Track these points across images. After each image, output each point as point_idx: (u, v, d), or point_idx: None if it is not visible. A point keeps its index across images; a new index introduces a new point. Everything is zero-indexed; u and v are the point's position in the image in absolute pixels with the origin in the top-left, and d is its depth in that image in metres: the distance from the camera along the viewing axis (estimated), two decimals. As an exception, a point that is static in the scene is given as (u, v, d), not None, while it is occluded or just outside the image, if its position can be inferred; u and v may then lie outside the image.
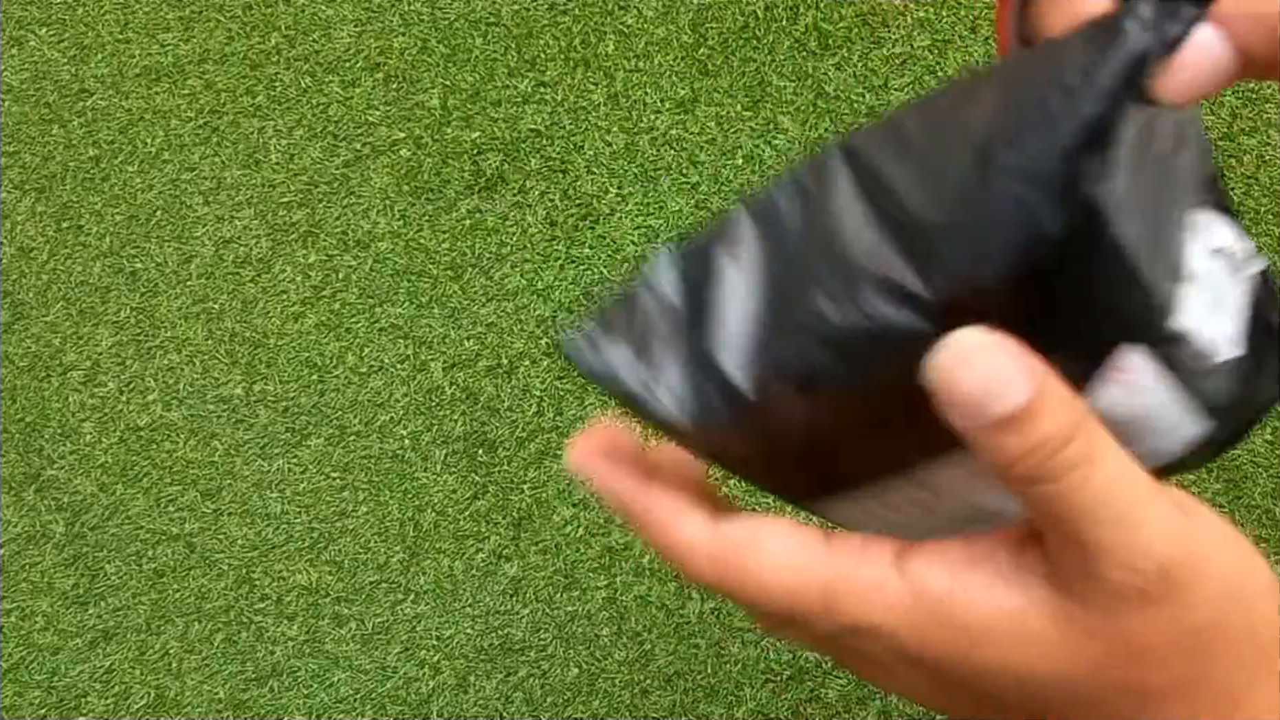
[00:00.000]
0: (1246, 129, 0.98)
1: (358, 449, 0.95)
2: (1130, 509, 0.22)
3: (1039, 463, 0.22)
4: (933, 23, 0.99)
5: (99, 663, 0.93)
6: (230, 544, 0.94)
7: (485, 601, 0.92)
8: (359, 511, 0.94)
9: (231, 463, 0.95)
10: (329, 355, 0.96)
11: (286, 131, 1.00)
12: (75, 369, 0.98)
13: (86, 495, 0.96)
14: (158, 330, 0.98)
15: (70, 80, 1.03)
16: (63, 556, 0.95)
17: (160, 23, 1.03)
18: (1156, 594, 0.22)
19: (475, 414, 0.94)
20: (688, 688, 0.89)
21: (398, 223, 0.98)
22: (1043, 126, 0.19)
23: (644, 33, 1.00)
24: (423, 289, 0.97)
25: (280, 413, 0.96)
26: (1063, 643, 0.23)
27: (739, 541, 0.25)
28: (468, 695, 0.91)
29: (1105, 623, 0.22)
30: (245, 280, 0.98)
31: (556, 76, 0.99)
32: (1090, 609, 0.23)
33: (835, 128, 0.98)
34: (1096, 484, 0.22)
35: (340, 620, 0.92)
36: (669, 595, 0.90)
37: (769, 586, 0.25)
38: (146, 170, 1.00)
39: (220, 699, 0.92)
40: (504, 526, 0.93)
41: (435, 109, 1.00)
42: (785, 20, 0.99)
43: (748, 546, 0.25)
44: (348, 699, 0.91)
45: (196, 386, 0.97)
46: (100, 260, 0.99)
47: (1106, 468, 0.22)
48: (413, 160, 0.99)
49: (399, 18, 1.01)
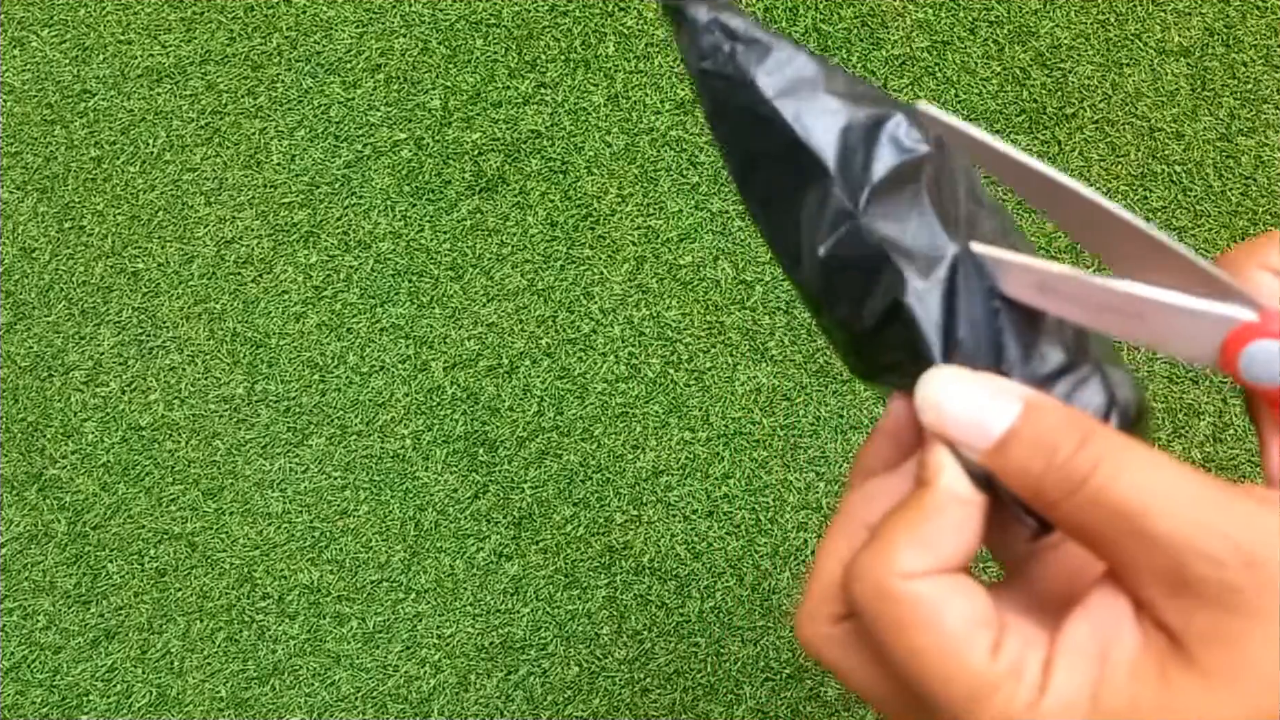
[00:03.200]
0: (1244, 130, 0.98)
1: (359, 448, 0.95)
2: (1182, 492, 0.21)
3: (1062, 467, 0.22)
4: (932, 24, 1.00)
5: (101, 661, 0.93)
6: (232, 543, 0.94)
7: (486, 600, 0.92)
8: (360, 511, 0.94)
9: (233, 462, 0.95)
10: (330, 355, 0.97)
11: (288, 132, 1.00)
12: (77, 369, 0.98)
13: (88, 494, 0.96)
14: (159, 330, 0.98)
15: (72, 81, 1.03)
16: (64, 556, 0.95)
17: (162, 24, 1.03)
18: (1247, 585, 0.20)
19: (476, 413, 0.95)
20: (687, 686, 0.89)
21: (399, 223, 0.98)
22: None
23: (644, 34, 1.00)
24: (424, 289, 0.97)
25: (282, 412, 0.96)
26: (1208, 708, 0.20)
27: (920, 598, 0.23)
28: (468, 694, 0.91)
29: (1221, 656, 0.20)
30: (247, 280, 0.98)
31: (557, 77, 1.00)
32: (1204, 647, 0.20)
33: (835, 128, 0.98)
34: (1133, 473, 0.21)
35: (341, 619, 0.92)
36: (669, 594, 0.90)
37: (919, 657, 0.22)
38: (148, 171, 1.01)
39: (222, 697, 0.92)
40: (504, 525, 0.93)
41: (436, 110, 1.00)
42: (784, 21, 1.00)
43: (927, 607, 0.22)
44: (349, 697, 0.91)
45: (198, 386, 0.97)
46: (102, 260, 0.99)
47: (1135, 455, 0.21)
48: (414, 161, 0.99)
49: (400, 19, 1.02)
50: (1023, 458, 0.22)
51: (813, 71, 0.25)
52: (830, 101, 0.24)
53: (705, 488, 0.92)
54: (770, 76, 0.24)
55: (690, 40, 0.25)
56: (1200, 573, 0.20)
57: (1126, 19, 1.01)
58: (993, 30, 1.00)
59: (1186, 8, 1.01)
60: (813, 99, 0.24)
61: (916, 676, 0.23)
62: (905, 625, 0.22)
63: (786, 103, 0.24)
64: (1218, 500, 0.20)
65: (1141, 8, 1.01)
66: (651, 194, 0.97)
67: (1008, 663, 0.22)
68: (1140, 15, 1.01)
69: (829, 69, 0.25)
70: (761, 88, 0.24)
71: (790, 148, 0.25)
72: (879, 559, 0.23)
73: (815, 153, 0.24)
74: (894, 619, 0.23)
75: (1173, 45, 1.00)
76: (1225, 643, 0.20)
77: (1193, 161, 0.98)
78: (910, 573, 0.23)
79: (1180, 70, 1.00)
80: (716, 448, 0.92)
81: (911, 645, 0.22)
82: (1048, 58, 1.00)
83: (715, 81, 0.25)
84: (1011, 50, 1.00)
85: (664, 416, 0.93)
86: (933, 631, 0.22)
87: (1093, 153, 0.98)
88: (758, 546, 0.91)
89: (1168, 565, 0.20)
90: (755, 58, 0.25)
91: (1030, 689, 0.21)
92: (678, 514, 0.92)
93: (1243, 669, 0.20)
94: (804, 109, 0.24)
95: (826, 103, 0.24)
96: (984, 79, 1.00)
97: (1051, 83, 1.00)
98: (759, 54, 0.25)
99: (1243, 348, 0.22)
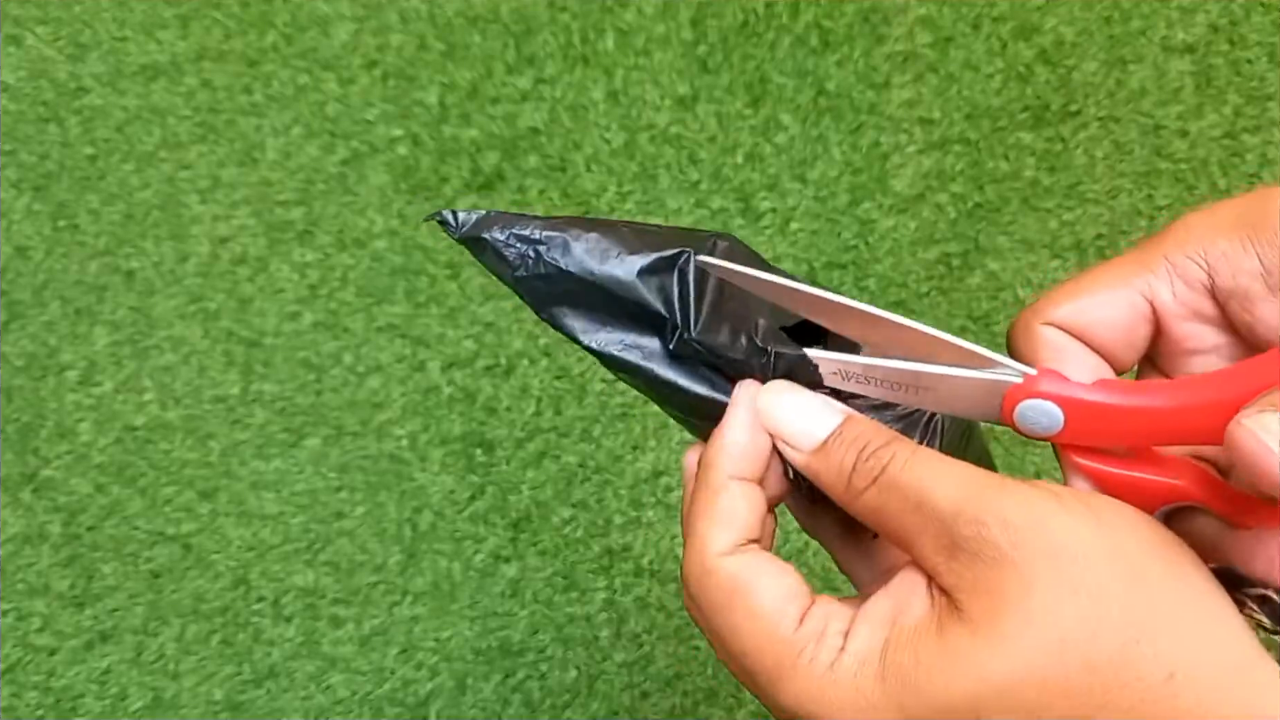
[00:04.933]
0: (1249, 127, 0.98)
1: (355, 449, 0.94)
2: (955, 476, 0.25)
3: (868, 459, 0.26)
4: (934, 20, 0.99)
5: (96, 664, 0.93)
6: (227, 545, 0.93)
7: (483, 603, 0.91)
8: (356, 512, 0.93)
9: (228, 463, 0.95)
10: (326, 354, 0.96)
11: (283, 129, 1.00)
12: (71, 369, 0.97)
13: (83, 495, 0.95)
14: (154, 329, 0.97)
15: (67, 78, 1.02)
16: (59, 557, 0.95)
17: (157, 21, 1.03)
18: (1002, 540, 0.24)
19: (473, 414, 0.94)
20: (687, 690, 0.88)
21: (395, 221, 0.97)
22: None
23: (643, 29, 0.99)
24: (420, 288, 0.96)
25: (277, 413, 0.95)
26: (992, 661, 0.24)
27: (734, 576, 0.27)
28: (466, 697, 0.90)
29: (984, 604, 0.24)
30: (242, 279, 0.98)
31: (555, 74, 0.99)
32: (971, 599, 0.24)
33: (836, 125, 0.97)
34: (919, 464, 0.26)
35: (337, 622, 0.92)
36: (668, 597, 0.90)
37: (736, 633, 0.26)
38: (143, 168, 1.00)
39: (217, 700, 0.92)
40: (502, 527, 0.92)
41: (433, 106, 0.99)
42: (786, 17, 0.99)
43: (741, 584, 0.27)
44: (345, 700, 0.91)
45: (193, 386, 0.96)
46: (97, 259, 0.99)
47: (923, 453, 0.26)
48: (410, 158, 0.98)
49: (397, 15, 1.01)
50: (840, 453, 0.27)
51: (605, 241, 0.29)
52: (633, 259, 0.29)
53: (705, 489, 0.91)
54: (581, 261, 0.29)
55: (496, 257, 0.29)
56: (966, 533, 0.24)
57: (1130, 16, 1.00)
58: (996, 26, 0.99)
59: (1190, 5, 1.00)
60: (620, 262, 0.29)
61: (737, 652, 0.26)
62: (723, 605, 0.27)
63: (604, 273, 0.29)
64: (983, 481, 0.25)
65: (1146, 4, 1.00)
66: (651, 191, 0.96)
67: (811, 630, 0.26)
68: (1144, 12, 1.00)
69: (613, 232, 0.30)
70: (580, 273, 0.29)
71: (622, 303, 0.29)
72: (694, 548, 0.28)
73: (646, 303, 0.29)
74: (712, 602, 0.27)
75: (1177, 42, 1.00)
76: (987, 592, 0.23)
77: (1197, 159, 0.97)
78: (722, 550, 0.27)
79: (1185, 67, 0.99)
80: (716, 448, 0.92)
81: (730, 623, 0.27)
82: (1051, 54, 1.00)
83: (534, 283, 0.30)
84: (1015, 47, 1.00)
85: (663, 417, 0.93)
86: (746, 609, 0.26)
87: (1097, 150, 0.97)
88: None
89: (942, 530, 0.24)
90: (559, 252, 0.29)
91: (831, 650, 0.25)
92: (677, 515, 0.91)
93: (1002, 613, 0.23)
94: (615, 270, 0.29)
95: (631, 262, 0.29)
96: (987, 75, 0.99)
97: (1055, 80, 0.99)
98: (560, 248, 0.29)
99: (1015, 406, 0.27)
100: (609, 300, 0.29)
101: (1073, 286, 0.29)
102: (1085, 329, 0.28)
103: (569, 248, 0.29)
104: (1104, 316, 0.28)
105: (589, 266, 0.29)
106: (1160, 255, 0.28)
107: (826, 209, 0.96)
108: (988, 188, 0.97)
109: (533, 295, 0.30)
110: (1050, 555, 0.23)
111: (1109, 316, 0.28)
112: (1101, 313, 0.28)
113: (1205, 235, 0.27)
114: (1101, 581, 0.23)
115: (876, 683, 0.24)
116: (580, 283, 0.29)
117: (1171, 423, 0.26)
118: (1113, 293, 0.28)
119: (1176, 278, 0.27)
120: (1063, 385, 0.27)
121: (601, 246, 0.29)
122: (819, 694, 0.25)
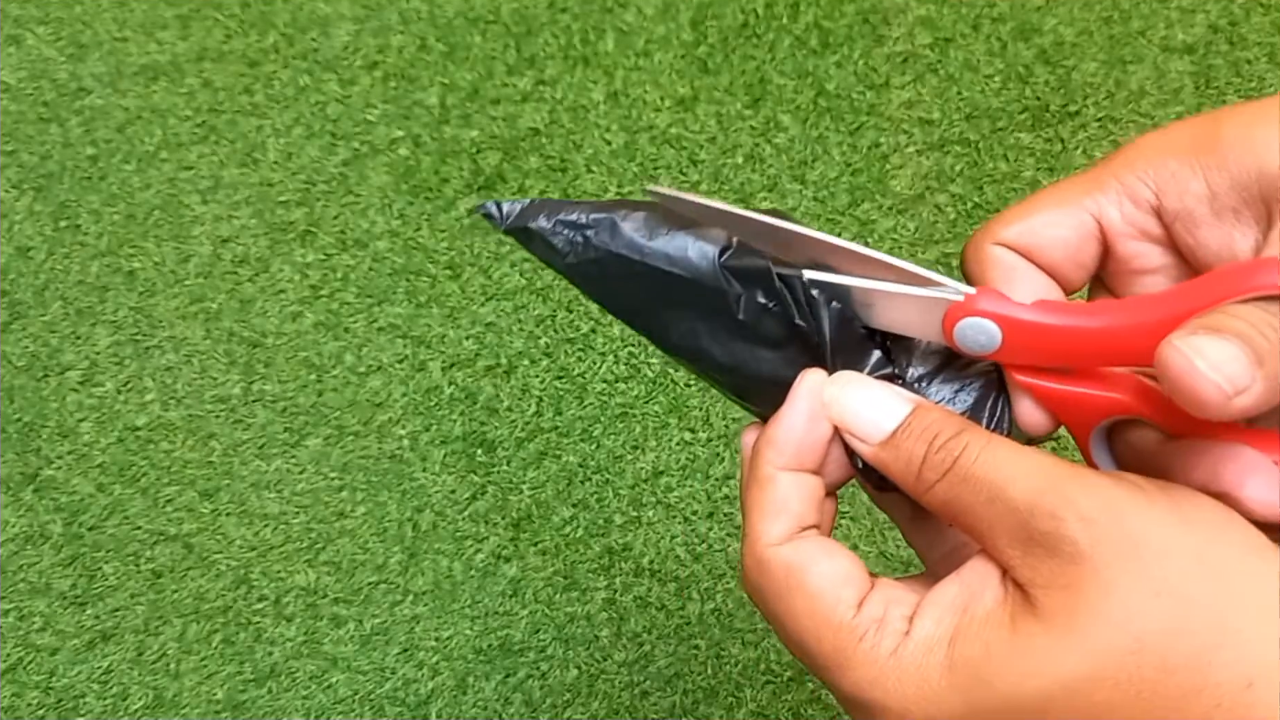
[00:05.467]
0: (1250, 127, 0.97)
1: (356, 449, 0.94)
2: (1031, 467, 0.24)
3: (940, 450, 0.26)
4: (934, 21, 0.99)
5: (97, 663, 0.93)
6: (228, 544, 0.94)
7: (484, 602, 0.91)
8: (357, 512, 0.93)
9: (229, 463, 0.95)
10: (327, 355, 0.96)
11: (284, 130, 1.00)
12: (73, 369, 0.97)
13: (84, 495, 0.95)
14: (155, 330, 0.97)
15: (68, 79, 1.02)
16: (61, 557, 0.95)
17: (158, 21, 1.03)
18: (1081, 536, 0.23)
19: (474, 414, 0.94)
20: (688, 689, 0.88)
21: (396, 221, 0.98)
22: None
23: (644, 30, 0.99)
24: (421, 288, 0.96)
25: (278, 412, 0.95)
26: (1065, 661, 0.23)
27: (789, 563, 0.27)
28: (466, 696, 0.90)
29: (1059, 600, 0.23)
30: (243, 279, 0.98)
31: (556, 74, 0.99)
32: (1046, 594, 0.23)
33: (836, 126, 0.98)
34: (992, 454, 0.25)
35: (339, 621, 0.92)
36: (669, 596, 0.90)
37: (794, 619, 0.26)
38: (144, 169, 1.00)
39: (218, 700, 0.92)
40: (503, 527, 0.92)
41: (434, 107, 0.99)
42: (786, 18, 0.99)
43: (796, 570, 0.26)
44: (346, 700, 0.91)
45: (194, 386, 0.96)
46: (98, 259, 0.99)
47: (996, 442, 0.25)
48: (411, 159, 0.98)
49: (398, 16, 1.01)
50: (909, 446, 0.26)
51: (653, 220, 0.29)
52: (679, 236, 0.29)
53: (705, 488, 0.91)
54: (631, 241, 0.29)
55: (545, 246, 0.29)
56: (1043, 528, 0.23)
57: (1130, 16, 1.00)
58: (995, 27, 1.00)
59: (1190, 5, 1.00)
60: (669, 238, 0.29)
61: (797, 639, 0.26)
62: (780, 593, 0.26)
63: (655, 251, 0.29)
64: (1061, 472, 0.24)
65: (1145, 5, 1.00)
66: (651, 192, 0.96)
67: (871, 615, 0.25)
68: (1144, 12, 1.00)
69: (653, 212, 0.30)
70: (630, 254, 0.29)
71: (674, 279, 0.29)
72: (749, 539, 0.27)
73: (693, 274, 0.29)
74: (772, 590, 0.27)
75: (1176, 43, 1.00)
76: (1063, 588, 0.23)
77: (1197, 159, 0.97)
78: (775, 540, 0.27)
79: (1184, 68, 0.99)
80: (717, 448, 0.92)
81: (788, 610, 0.26)
82: (1051, 55, 1.00)
83: (587, 268, 0.29)
84: (1015, 47, 1.00)
85: (664, 417, 0.93)
86: (802, 593, 0.26)
87: (1096, 150, 0.98)
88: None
89: (1018, 524, 0.24)
90: (608, 235, 0.29)
91: (894, 635, 0.25)
92: (678, 515, 0.91)
93: (1078, 610, 0.22)
94: (670, 247, 0.29)
95: (679, 238, 0.29)
96: (987, 76, 0.99)
97: (1055, 80, 0.99)
98: (609, 230, 0.29)
99: (955, 324, 0.27)
100: (665, 280, 0.29)
101: (1023, 206, 0.28)
102: (1034, 248, 0.28)
103: (617, 229, 0.29)
104: (1052, 236, 0.28)
105: (639, 244, 0.29)
106: (1110, 175, 0.27)
107: (826, 210, 0.96)
108: (987, 188, 0.97)
109: (586, 282, 0.30)
110: (1130, 553, 0.23)
111: (1057, 236, 0.28)
112: (1050, 232, 0.28)
113: (1155, 156, 0.27)
114: (1183, 582, 0.22)
115: (944, 672, 0.24)
116: (631, 265, 0.29)
117: (1106, 343, 0.26)
118: (1061, 212, 0.28)
119: (1125, 198, 0.27)
120: (1001, 304, 0.27)
121: (650, 224, 0.29)
122: (882, 681, 0.24)
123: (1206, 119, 0.26)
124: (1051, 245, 0.28)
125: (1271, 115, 0.25)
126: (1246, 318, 0.23)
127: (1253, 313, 0.23)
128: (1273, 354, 0.23)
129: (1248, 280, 0.24)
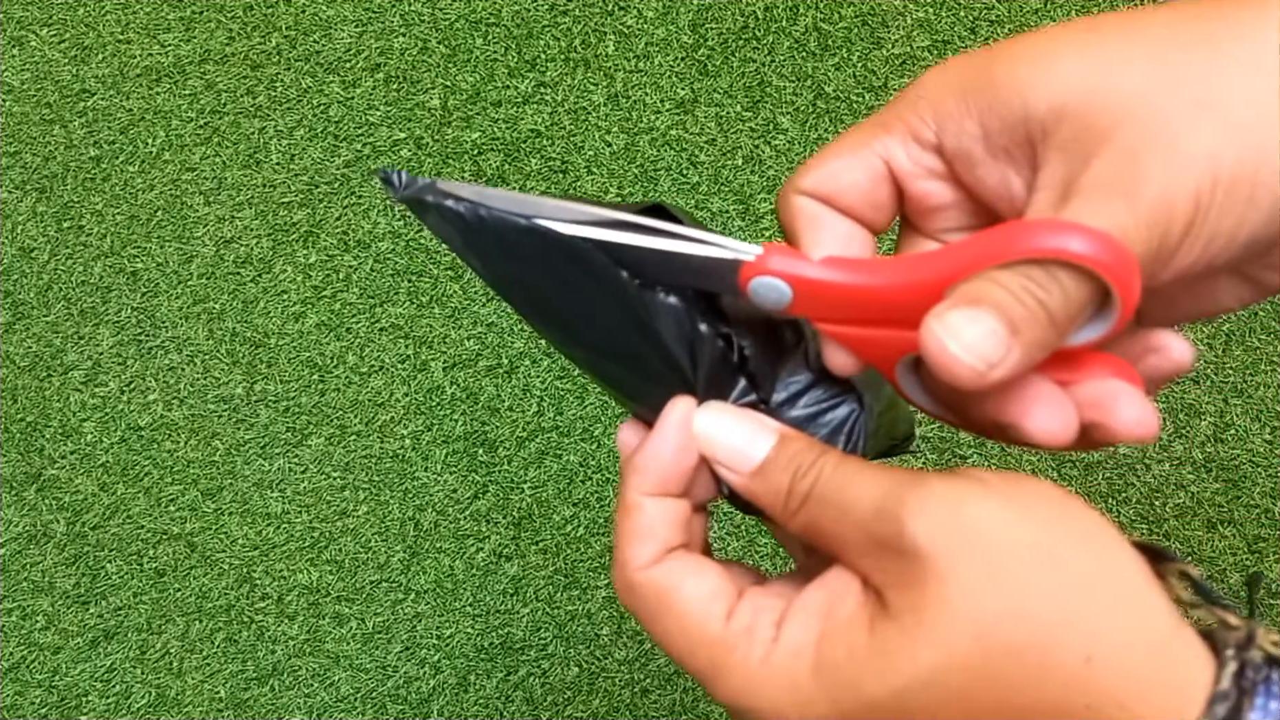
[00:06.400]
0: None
1: (358, 448, 0.95)
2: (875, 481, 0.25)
3: (802, 478, 0.26)
4: (932, 23, 1.00)
5: (100, 662, 0.93)
6: (231, 543, 0.94)
7: (486, 601, 0.92)
8: (359, 511, 0.94)
9: (232, 462, 0.95)
10: (330, 355, 0.96)
11: (287, 132, 1.00)
12: (76, 369, 0.98)
13: (87, 495, 0.96)
14: (158, 330, 0.98)
15: (71, 80, 1.03)
16: (64, 556, 0.95)
17: (161, 23, 1.03)
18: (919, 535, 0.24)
19: (476, 413, 0.95)
20: (687, 687, 0.89)
21: (398, 223, 0.98)
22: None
23: (644, 33, 1.00)
24: (423, 289, 0.97)
25: (281, 412, 0.96)
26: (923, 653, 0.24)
27: (658, 585, 0.27)
28: (468, 694, 0.91)
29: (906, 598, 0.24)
30: (246, 280, 0.98)
31: (557, 77, 1.00)
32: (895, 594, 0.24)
33: (835, 128, 0.98)
34: (844, 475, 0.26)
35: (341, 619, 0.92)
36: (669, 594, 0.90)
37: (669, 638, 0.27)
38: (147, 170, 1.00)
39: (221, 698, 0.92)
40: (504, 526, 0.93)
41: (436, 109, 1.00)
42: (785, 21, 1.00)
43: (664, 592, 0.27)
44: (348, 698, 0.91)
45: (197, 386, 0.97)
46: (101, 260, 0.99)
47: (847, 464, 0.26)
48: (413, 160, 0.99)
49: (400, 18, 1.01)
50: (776, 477, 0.27)
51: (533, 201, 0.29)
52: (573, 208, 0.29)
53: (705, 488, 0.92)
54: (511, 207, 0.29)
55: (439, 217, 0.29)
56: (885, 532, 0.24)
57: (1127, 19, 1.01)
58: (993, 30, 1.00)
59: (1187, 8, 1.01)
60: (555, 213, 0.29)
61: (675, 655, 0.27)
62: (654, 615, 0.27)
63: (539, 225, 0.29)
64: (900, 480, 0.25)
65: (1142, 8, 1.01)
66: (651, 193, 0.97)
67: (741, 625, 0.26)
68: (1140, 15, 1.01)
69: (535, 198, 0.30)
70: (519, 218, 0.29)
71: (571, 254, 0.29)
72: (618, 564, 0.28)
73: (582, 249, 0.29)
74: (646, 613, 0.27)
75: (1173, 45, 1.00)
76: (909, 586, 0.24)
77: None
78: (643, 564, 0.28)
79: (1180, 70, 0.99)
80: (716, 448, 0.92)
81: (663, 630, 0.27)
82: (1048, 57, 1.00)
83: (481, 241, 0.30)
84: (1012, 50, 1.00)
85: (664, 416, 0.93)
86: (673, 614, 0.27)
87: (1093, 153, 0.98)
88: (758, 547, 0.91)
89: (865, 535, 0.25)
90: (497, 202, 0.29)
91: (763, 643, 0.25)
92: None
93: (924, 605, 0.23)
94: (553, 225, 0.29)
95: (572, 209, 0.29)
96: (984, 79, 1.00)
97: (1052, 83, 0.99)
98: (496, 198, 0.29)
99: (748, 282, 0.28)
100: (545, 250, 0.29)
101: (820, 155, 0.28)
102: (832, 195, 0.28)
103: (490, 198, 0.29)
104: (847, 181, 0.28)
105: (523, 212, 0.29)
106: (895, 117, 0.28)
107: (825, 211, 0.97)
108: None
109: (481, 259, 0.30)
110: (969, 545, 0.23)
111: (852, 181, 0.28)
112: (846, 178, 0.28)
113: (935, 95, 0.27)
114: (1021, 568, 0.23)
115: (811, 675, 0.25)
116: (520, 232, 0.29)
117: (886, 299, 0.27)
118: (854, 157, 0.28)
119: (910, 138, 0.27)
120: (789, 263, 0.28)
121: (529, 200, 0.29)
122: (754, 687, 0.25)
123: (982, 56, 0.26)
124: (847, 191, 0.28)
125: (1040, 53, 0.25)
126: (1007, 285, 0.24)
127: (1013, 279, 0.24)
128: (1029, 321, 0.23)
129: (1017, 243, 0.24)
